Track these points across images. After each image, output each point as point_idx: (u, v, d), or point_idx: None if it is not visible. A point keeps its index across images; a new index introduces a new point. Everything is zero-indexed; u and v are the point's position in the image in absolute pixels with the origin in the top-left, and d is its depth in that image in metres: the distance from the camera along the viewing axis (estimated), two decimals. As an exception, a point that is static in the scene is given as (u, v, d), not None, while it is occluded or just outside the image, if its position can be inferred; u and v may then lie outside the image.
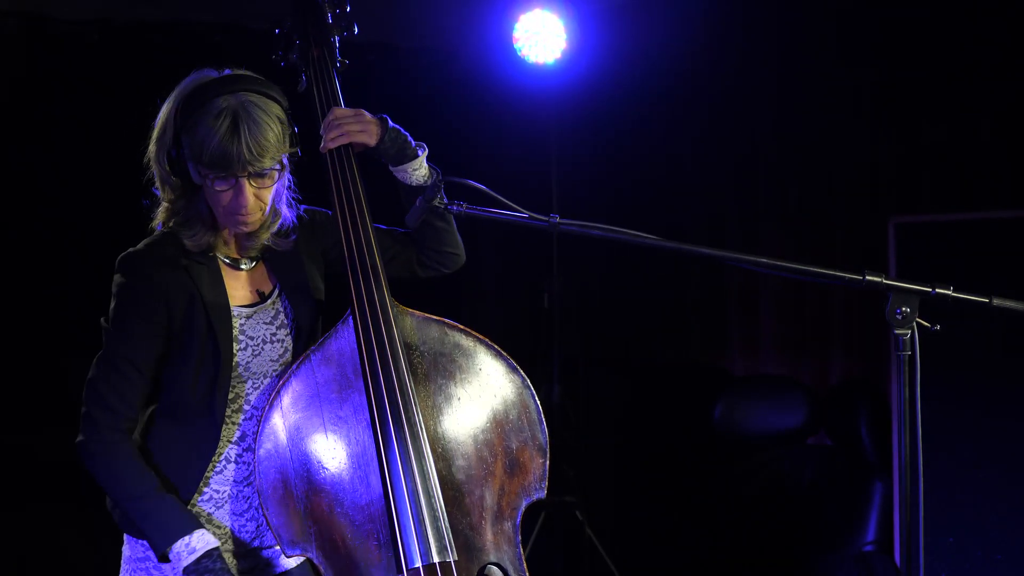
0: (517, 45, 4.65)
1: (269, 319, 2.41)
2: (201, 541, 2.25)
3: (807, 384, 5.00)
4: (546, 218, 2.14)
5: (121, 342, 2.30)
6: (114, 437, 2.29)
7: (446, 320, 2.42)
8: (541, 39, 4.63)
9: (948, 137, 4.70)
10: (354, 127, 2.44)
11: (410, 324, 2.38)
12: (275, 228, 2.39)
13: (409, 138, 2.47)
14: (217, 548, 2.26)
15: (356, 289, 2.37)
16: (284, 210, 2.40)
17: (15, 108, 4.24)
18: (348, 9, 2.67)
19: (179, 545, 2.24)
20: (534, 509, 4.56)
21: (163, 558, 2.26)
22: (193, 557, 2.23)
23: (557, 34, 4.63)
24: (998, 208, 4.39)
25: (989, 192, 4.60)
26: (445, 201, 2.20)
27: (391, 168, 2.48)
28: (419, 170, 2.46)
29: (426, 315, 2.42)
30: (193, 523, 2.27)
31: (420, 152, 2.46)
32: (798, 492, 4.73)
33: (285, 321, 2.43)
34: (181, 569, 2.23)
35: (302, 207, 2.47)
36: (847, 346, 5.00)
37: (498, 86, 4.73)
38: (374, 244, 2.40)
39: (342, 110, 2.47)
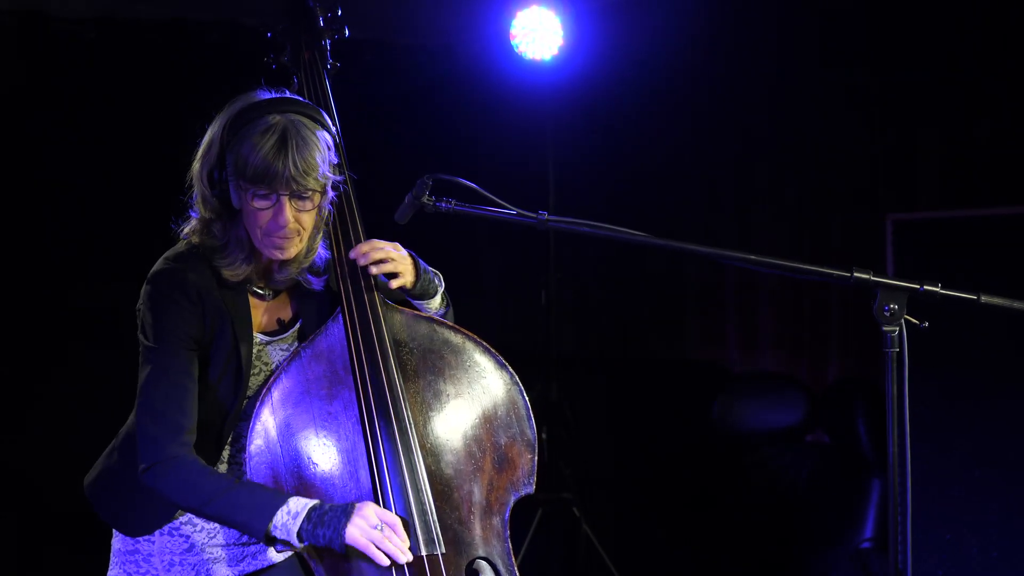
0: (514, 42, 4.66)
1: (286, 348, 2.41)
2: (299, 504, 2.21)
3: (805, 382, 5.01)
4: (534, 215, 2.14)
5: (169, 354, 2.28)
6: (178, 451, 2.24)
7: (435, 317, 2.44)
8: (538, 36, 4.65)
9: (947, 134, 4.70)
10: (401, 267, 2.37)
11: (400, 321, 2.40)
12: (307, 263, 2.37)
13: (431, 275, 2.43)
14: (319, 502, 2.21)
15: (344, 287, 2.37)
16: (320, 247, 2.38)
17: (13, 106, 4.24)
18: (340, 12, 2.67)
19: (279, 517, 2.19)
20: (531, 506, 4.61)
21: (269, 540, 2.21)
22: (300, 518, 2.19)
23: (554, 31, 4.65)
24: (997, 205, 4.39)
25: (988, 189, 4.60)
26: (433, 199, 2.20)
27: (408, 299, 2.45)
28: (434, 301, 2.45)
29: (415, 312, 2.43)
30: (281, 494, 2.23)
31: (440, 286, 2.45)
32: (796, 489, 4.73)
33: None
34: (295, 535, 2.19)
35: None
36: (845, 344, 5.01)
37: (495, 82, 4.74)
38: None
39: (383, 243, 2.38)
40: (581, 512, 4.71)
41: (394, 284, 2.37)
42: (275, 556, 2.46)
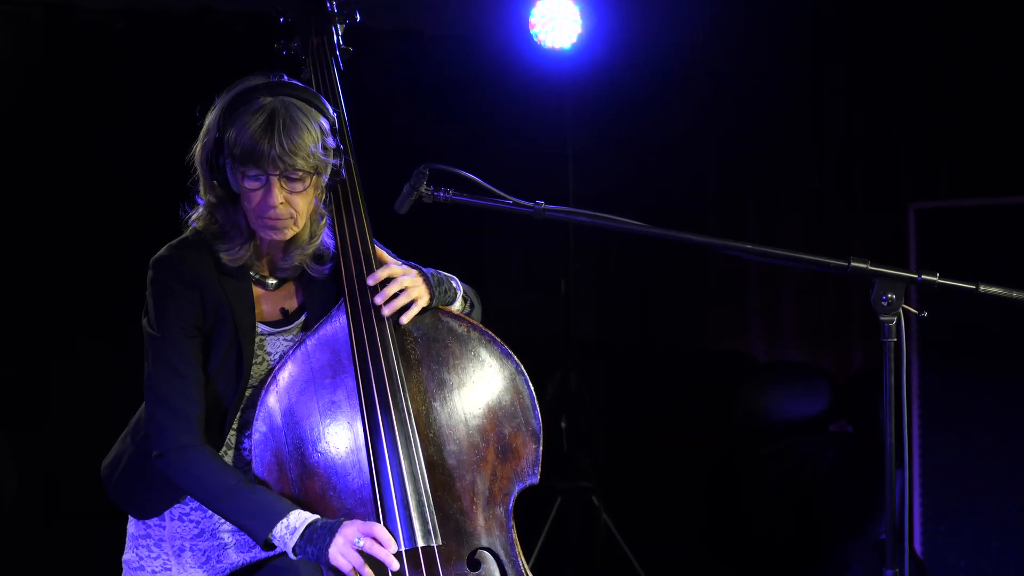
0: (533, 31, 4.68)
1: (290, 339, 2.42)
2: (299, 519, 2.24)
3: (829, 371, 4.99)
4: (531, 204, 2.15)
5: (171, 342, 2.30)
6: (188, 441, 2.28)
7: (439, 306, 2.43)
8: (557, 24, 4.67)
9: (969, 122, 4.66)
10: (415, 293, 2.38)
11: (403, 310, 2.40)
12: (311, 250, 2.37)
13: (444, 285, 2.44)
14: (317, 519, 2.25)
15: (347, 274, 2.38)
16: (323, 233, 2.39)
17: (39, 96, 4.29)
18: None
19: (279, 530, 2.23)
20: (550, 495, 4.62)
21: (267, 545, 2.26)
22: (297, 535, 2.23)
23: (572, 19, 4.66)
24: (1020, 193, 4.35)
25: (1011, 177, 4.56)
26: (431, 189, 2.21)
27: None
28: (454, 307, 2.46)
29: None
30: (285, 505, 2.26)
31: (458, 290, 2.47)
32: (818, 479, 4.72)
33: None
34: (291, 549, 2.23)
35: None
36: (869, 333, 4.97)
37: (515, 71, 4.76)
38: (367, 229, 2.41)
39: (399, 270, 2.39)
40: (600, 501, 4.72)
41: (411, 313, 2.36)
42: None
